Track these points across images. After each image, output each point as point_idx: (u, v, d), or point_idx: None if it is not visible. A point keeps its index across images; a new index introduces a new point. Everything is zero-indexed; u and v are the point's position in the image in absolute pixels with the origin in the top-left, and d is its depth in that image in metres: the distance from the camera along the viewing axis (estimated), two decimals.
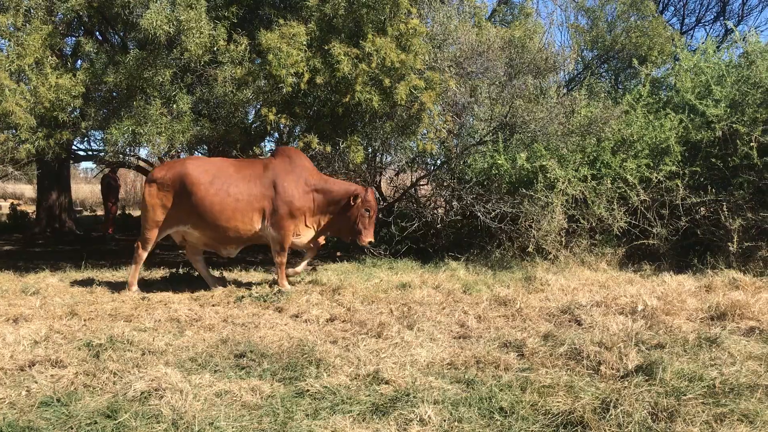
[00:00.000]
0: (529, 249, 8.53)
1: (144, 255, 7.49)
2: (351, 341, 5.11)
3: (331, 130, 8.60)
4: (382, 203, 11.10)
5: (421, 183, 10.77)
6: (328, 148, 8.33)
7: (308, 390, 3.98)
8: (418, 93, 8.13)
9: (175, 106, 8.46)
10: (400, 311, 6.15)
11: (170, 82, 8.36)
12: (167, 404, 3.66)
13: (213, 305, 6.55)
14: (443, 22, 9.19)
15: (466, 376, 4.28)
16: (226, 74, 8.14)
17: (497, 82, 9.46)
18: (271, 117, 8.06)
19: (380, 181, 11.79)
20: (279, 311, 6.23)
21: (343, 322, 5.80)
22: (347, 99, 8.00)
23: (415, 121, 8.41)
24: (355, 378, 4.22)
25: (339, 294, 6.81)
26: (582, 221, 8.72)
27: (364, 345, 4.96)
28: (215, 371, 4.38)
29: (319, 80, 7.92)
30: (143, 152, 13.29)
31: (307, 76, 7.89)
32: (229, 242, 7.54)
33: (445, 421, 3.53)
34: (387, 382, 4.11)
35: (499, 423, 3.54)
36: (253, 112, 10.07)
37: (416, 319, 5.76)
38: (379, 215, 11.15)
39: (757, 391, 3.92)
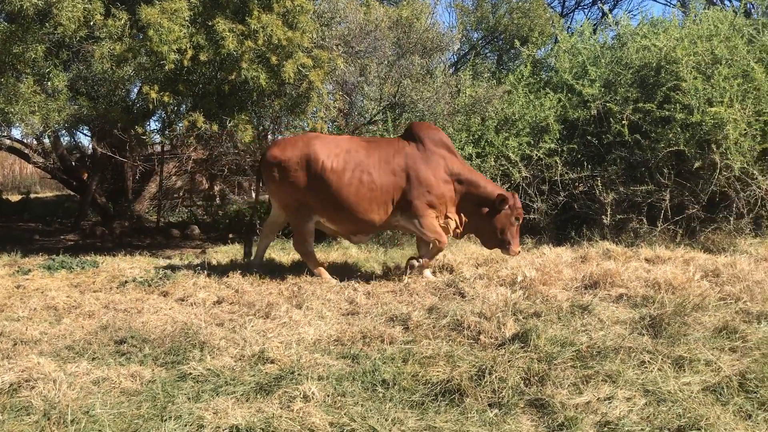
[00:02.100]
0: None
1: (310, 249, 6.85)
2: (238, 323, 5.08)
3: (217, 108, 8.40)
4: None
5: None
6: (215, 127, 8.15)
7: (191, 373, 3.94)
8: (306, 71, 8.07)
9: (49, 83, 8.01)
10: (290, 291, 6.15)
11: (44, 58, 7.90)
12: (39, 395, 3.52)
13: (94, 291, 6.30)
14: (331, 0, 9.15)
15: (352, 352, 4.36)
16: (104, 50, 7.76)
17: (386, 62, 9.55)
18: (153, 95, 7.77)
19: None
20: (164, 295, 6.08)
21: (231, 304, 5.74)
22: (233, 76, 7.84)
23: (305, 100, 8.37)
24: (240, 359, 4.20)
25: (228, 276, 6.72)
26: None
27: (252, 326, 4.94)
28: (93, 359, 4.24)
29: (203, 57, 7.71)
30: (16, 132, 12.53)
31: (190, 53, 7.66)
32: (361, 232, 6.98)
33: (328, 396, 3.59)
34: (272, 362, 4.12)
35: (381, 395, 3.64)
36: (136, 90, 9.71)
37: (306, 298, 5.78)
38: None
39: (621, 353, 4.22)
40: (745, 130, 8.12)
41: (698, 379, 3.82)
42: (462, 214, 6.94)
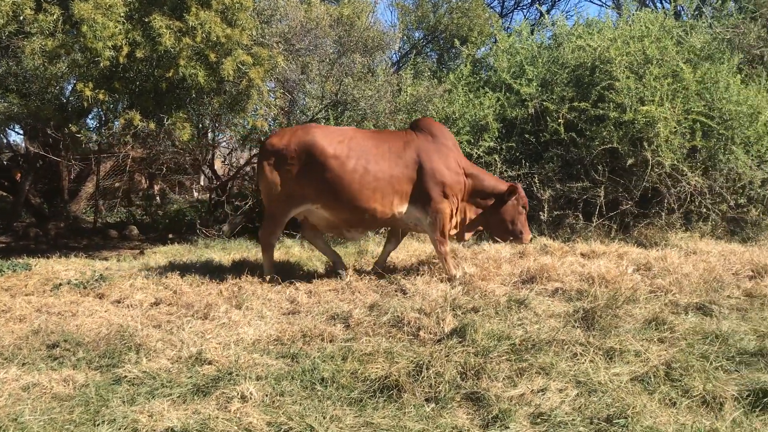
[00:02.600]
0: None
1: (272, 242, 6.66)
2: (176, 324, 5.00)
3: (155, 106, 8.25)
4: (215, 182, 10.88)
5: (256, 161, 10.64)
6: (152, 125, 7.99)
7: (126, 376, 3.86)
8: (246, 69, 7.99)
9: None
10: (230, 291, 6.07)
11: None
12: None
13: (26, 295, 6.10)
14: None
15: (292, 351, 4.35)
16: (35, 46, 7.51)
17: (327, 60, 9.54)
18: (88, 92, 7.57)
19: (213, 159, 11.51)
20: (100, 298, 5.93)
21: (168, 305, 5.64)
22: (171, 74, 7.71)
23: (245, 98, 8.29)
24: (177, 361, 4.15)
25: (166, 277, 6.60)
26: None
27: (190, 327, 4.86)
28: (23, 364, 4.12)
29: (139, 54, 7.55)
30: None
31: (126, 50, 7.50)
32: (359, 225, 6.72)
33: (267, 396, 3.57)
34: (210, 363, 4.08)
35: (319, 393, 3.65)
36: (70, 87, 9.44)
37: (246, 298, 5.72)
38: (213, 195, 10.92)
39: (554, 346, 4.33)
40: (675, 128, 8.42)
41: (627, 370, 3.95)
42: (469, 210, 6.90)
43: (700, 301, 5.43)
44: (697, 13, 10.66)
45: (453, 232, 6.85)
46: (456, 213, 6.74)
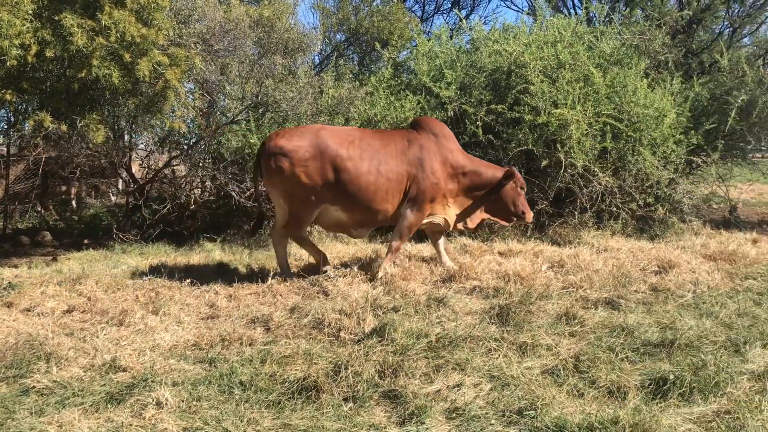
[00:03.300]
0: None
1: (306, 235, 6.78)
2: (89, 332, 4.86)
3: (67, 107, 7.94)
4: (133, 186, 10.59)
5: (175, 163, 10.43)
6: (64, 127, 7.69)
7: (35, 386, 3.74)
8: (162, 70, 7.81)
9: None
10: (147, 297, 5.94)
11: None
12: None
13: None
14: None
15: (209, 356, 4.31)
16: None
17: (247, 61, 9.44)
18: None
19: (130, 162, 11.19)
20: (8, 306, 5.67)
21: (82, 312, 5.46)
22: (84, 74, 7.44)
23: (161, 99, 8.08)
24: (90, 369, 4.04)
25: (80, 284, 6.39)
26: None
27: (104, 334, 4.75)
28: None
29: (49, 53, 7.27)
30: None
31: (35, 49, 7.19)
32: (371, 224, 6.85)
33: (183, 401, 3.53)
34: (124, 370, 4.00)
35: (237, 397, 3.63)
36: None
37: (163, 303, 5.60)
38: (130, 198, 10.62)
39: (470, 342, 4.46)
40: (586, 130, 8.75)
41: (539, 363, 4.11)
42: (469, 203, 7.08)
43: (609, 296, 5.68)
44: (607, 19, 11.11)
45: (460, 226, 7.14)
46: (447, 206, 6.97)
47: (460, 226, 7.15)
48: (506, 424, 3.33)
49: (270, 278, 6.50)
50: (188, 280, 6.56)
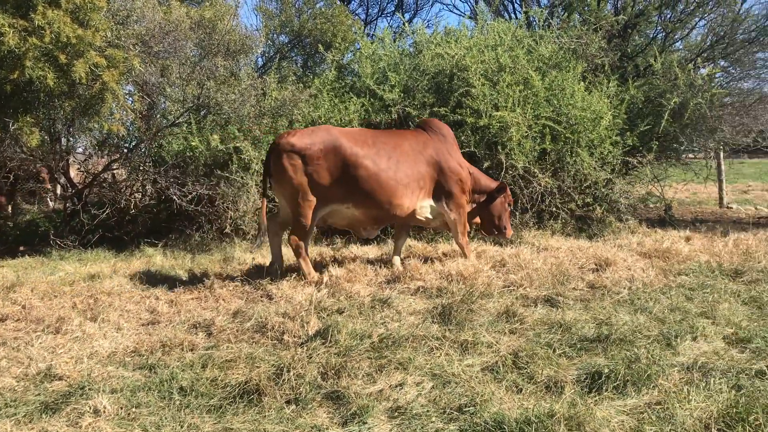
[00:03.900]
0: (227, 230, 8.62)
1: (304, 245, 6.56)
2: (24, 340, 4.73)
3: None
4: (71, 190, 10.31)
5: (114, 167, 10.19)
6: None
7: None
8: (100, 71, 7.65)
9: None
10: (85, 304, 5.80)
11: None
12: None
13: None
14: None
15: (149, 362, 4.24)
16: None
17: (188, 63, 9.31)
18: None
19: (68, 166, 10.89)
20: None
21: (16, 321, 5.30)
22: (16, 75, 7.23)
23: (99, 101, 7.92)
24: (24, 378, 3.94)
25: (14, 291, 6.20)
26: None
27: (39, 343, 4.63)
28: None
29: None
30: None
31: None
32: (384, 222, 7.03)
33: (122, 408, 3.48)
34: (60, 378, 3.91)
35: (178, 402, 3.59)
36: None
37: (102, 310, 5.49)
38: (68, 203, 10.34)
39: (413, 341, 4.51)
40: (526, 132, 8.94)
41: (479, 360, 4.19)
42: (469, 205, 7.47)
43: (548, 294, 5.82)
44: (546, 24, 11.35)
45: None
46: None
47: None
48: (447, 421, 3.38)
49: (212, 282, 6.42)
50: (128, 286, 6.44)
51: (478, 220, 7.72)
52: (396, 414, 3.48)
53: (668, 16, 12.80)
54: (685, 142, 11.13)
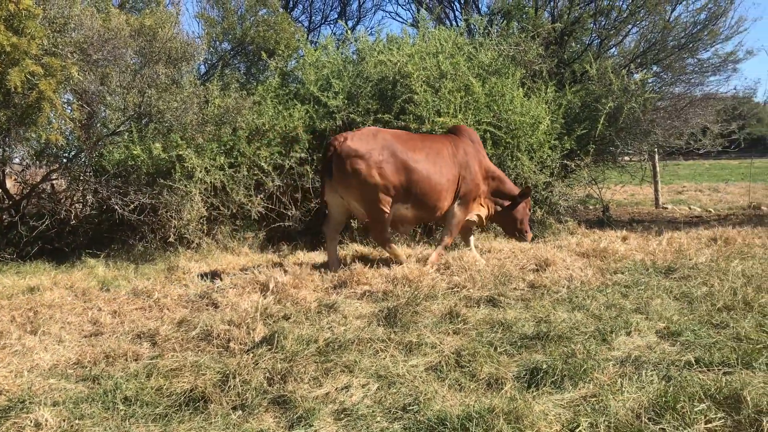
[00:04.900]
0: (171, 239, 8.53)
1: (389, 237, 7.32)
2: None
3: None
4: (7, 202, 10.03)
5: (53, 178, 9.96)
6: None
7: None
8: (36, 80, 7.50)
9: None
10: (25, 317, 5.67)
11: None
12: None
13: None
14: (63, 6, 8.57)
15: (93, 373, 4.20)
16: None
17: (128, 71, 9.18)
18: None
19: (4, 177, 10.59)
20: None
21: None
22: None
23: (36, 111, 7.74)
24: None
25: None
26: (222, 208, 9.00)
27: None
28: None
29: None
30: None
31: None
32: (425, 221, 7.69)
33: (64, 421, 3.44)
34: (0, 393, 3.83)
35: (122, 412, 3.57)
36: None
37: (42, 323, 5.38)
38: (5, 215, 10.06)
39: (359, 345, 4.58)
40: None
41: (424, 361, 4.29)
42: (491, 206, 8.00)
43: (491, 294, 5.98)
44: (485, 32, 11.62)
45: (485, 224, 8.12)
46: (480, 205, 7.90)
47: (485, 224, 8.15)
48: (391, 420, 3.46)
49: (157, 293, 6.37)
50: (70, 298, 6.33)
51: (498, 223, 8.36)
52: (342, 416, 3.54)
53: (603, 23, 13.27)
54: (621, 145, 11.54)
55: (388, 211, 7.11)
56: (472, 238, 8.21)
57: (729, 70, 12.97)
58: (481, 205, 7.93)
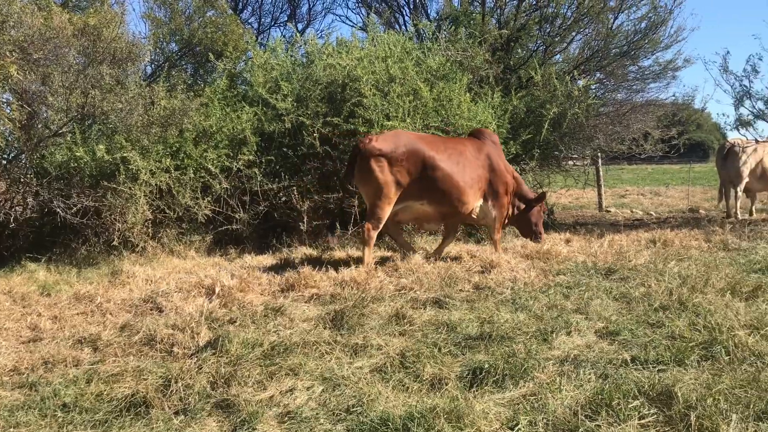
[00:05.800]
0: (115, 243, 8.37)
1: (375, 236, 7.39)
2: None
3: None
4: None
5: None
6: None
7: None
8: None
9: None
10: None
11: None
12: None
13: None
14: (2, 3, 8.33)
15: (30, 380, 4.11)
16: None
17: (71, 71, 8.97)
18: None
19: None
20: None
21: None
22: None
23: None
24: None
25: None
26: (168, 211, 8.87)
27: None
28: None
29: None
30: None
31: None
32: (448, 218, 7.89)
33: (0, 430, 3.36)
34: None
35: (60, 419, 3.51)
36: None
37: None
38: None
39: (304, 347, 4.59)
40: None
41: (369, 362, 4.33)
42: (511, 207, 8.35)
43: (437, 296, 6.06)
44: (434, 37, 11.74)
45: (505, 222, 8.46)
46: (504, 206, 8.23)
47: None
48: (335, 422, 3.49)
49: (100, 298, 6.25)
50: (8, 303, 6.16)
51: (514, 224, 8.74)
52: (286, 418, 3.55)
53: (548, 30, 13.56)
54: (565, 149, 11.81)
55: (389, 207, 7.40)
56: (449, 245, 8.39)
57: (669, 78, 13.46)
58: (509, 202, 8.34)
